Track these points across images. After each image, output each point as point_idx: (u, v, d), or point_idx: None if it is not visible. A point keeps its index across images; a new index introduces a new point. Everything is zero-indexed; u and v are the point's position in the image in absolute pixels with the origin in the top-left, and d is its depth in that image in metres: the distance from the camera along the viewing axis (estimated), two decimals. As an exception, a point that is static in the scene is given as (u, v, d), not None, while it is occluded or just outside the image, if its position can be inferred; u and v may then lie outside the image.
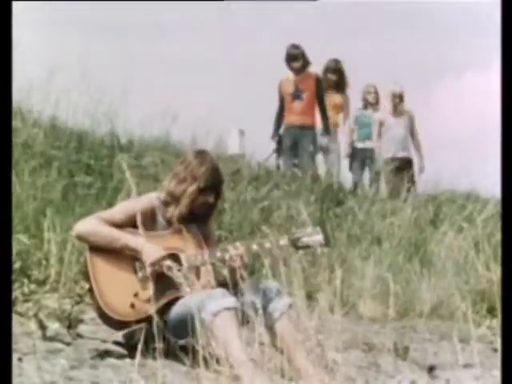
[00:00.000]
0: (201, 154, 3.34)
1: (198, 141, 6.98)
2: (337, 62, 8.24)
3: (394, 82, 8.29)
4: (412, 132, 8.29)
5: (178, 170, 3.29)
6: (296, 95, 7.71)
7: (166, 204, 3.25)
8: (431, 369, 3.27)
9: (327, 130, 7.91)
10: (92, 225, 3.08)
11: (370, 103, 8.65)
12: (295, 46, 7.75)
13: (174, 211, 3.22)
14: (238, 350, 2.74)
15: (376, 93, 8.82)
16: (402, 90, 8.21)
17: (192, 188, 3.21)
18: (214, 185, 3.27)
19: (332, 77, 8.17)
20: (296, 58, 7.67)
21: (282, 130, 7.99)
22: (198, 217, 3.27)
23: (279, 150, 7.98)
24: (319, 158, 8.19)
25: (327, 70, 8.21)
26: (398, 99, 8.17)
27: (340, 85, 8.23)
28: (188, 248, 3.17)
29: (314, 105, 7.82)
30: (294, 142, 7.78)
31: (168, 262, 3.05)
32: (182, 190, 3.21)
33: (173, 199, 3.23)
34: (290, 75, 7.81)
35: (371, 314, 4.62)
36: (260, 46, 7.26)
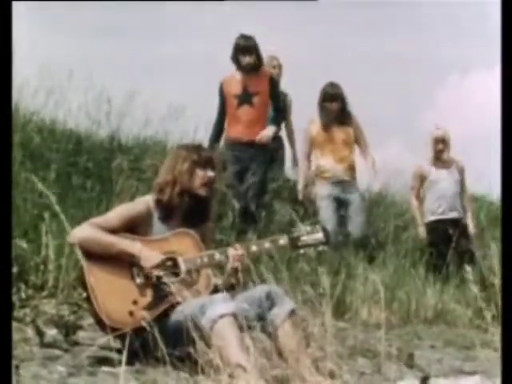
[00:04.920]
0: (182, 144, 3.51)
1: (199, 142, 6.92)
2: (333, 85, 6.17)
3: (436, 125, 6.52)
4: (462, 186, 6.52)
5: (166, 163, 3.30)
6: (244, 99, 5.87)
7: (157, 202, 3.20)
8: (425, 379, 3.23)
9: (277, 121, 6.15)
10: (88, 231, 3.02)
11: None
12: (246, 37, 5.93)
13: (172, 190, 3.19)
14: (238, 356, 2.67)
15: (279, 66, 6.95)
16: (445, 134, 6.46)
17: (187, 164, 3.21)
18: (208, 158, 3.26)
19: (331, 106, 6.11)
20: (247, 51, 5.87)
21: (221, 146, 6.10)
22: (194, 212, 3.23)
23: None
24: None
25: (323, 98, 6.15)
26: (442, 145, 6.42)
27: (342, 115, 6.15)
28: (186, 251, 3.11)
29: (266, 113, 6.01)
30: (238, 164, 5.88)
31: (156, 273, 3.00)
32: (177, 171, 3.20)
33: (168, 186, 3.20)
34: (237, 74, 5.98)
35: (375, 320, 4.58)
36: (262, 46, 6.56)
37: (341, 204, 6.05)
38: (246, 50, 5.85)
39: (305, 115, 6.37)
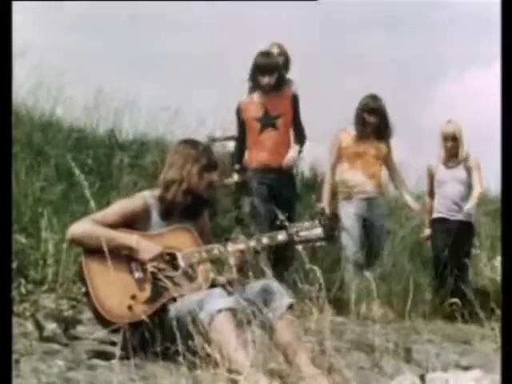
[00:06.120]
0: (189, 141, 3.43)
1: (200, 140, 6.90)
2: (375, 98, 5.71)
3: (448, 120, 5.95)
4: (472, 187, 5.91)
5: (173, 159, 3.28)
6: (266, 122, 5.33)
7: (161, 199, 3.21)
8: (422, 377, 3.24)
9: (300, 141, 5.49)
10: (86, 227, 3.03)
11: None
12: (266, 54, 5.40)
13: (177, 189, 3.20)
14: (237, 351, 2.68)
15: (284, 54, 5.83)
16: (456, 130, 5.88)
17: (197, 167, 3.22)
18: (215, 162, 3.30)
19: (370, 119, 5.63)
20: (268, 71, 5.27)
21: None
22: (194, 210, 3.25)
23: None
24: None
25: (363, 109, 5.65)
26: (452, 142, 5.87)
27: (380, 130, 5.68)
28: (185, 246, 3.12)
29: (290, 135, 5.49)
30: (268, 192, 5.30)
31: (152, 269, 3.01)
32: (186, 172, 3.21)
33: (174, 184, 3.21)
34: (256, 95, 5.41)
35: (373, 315, 4.58)
36: (261, 46, 6.33)
37: (365, 223, 5.58)
38: (266, 69, 5.25)
39: (304, 112, 6.28)
